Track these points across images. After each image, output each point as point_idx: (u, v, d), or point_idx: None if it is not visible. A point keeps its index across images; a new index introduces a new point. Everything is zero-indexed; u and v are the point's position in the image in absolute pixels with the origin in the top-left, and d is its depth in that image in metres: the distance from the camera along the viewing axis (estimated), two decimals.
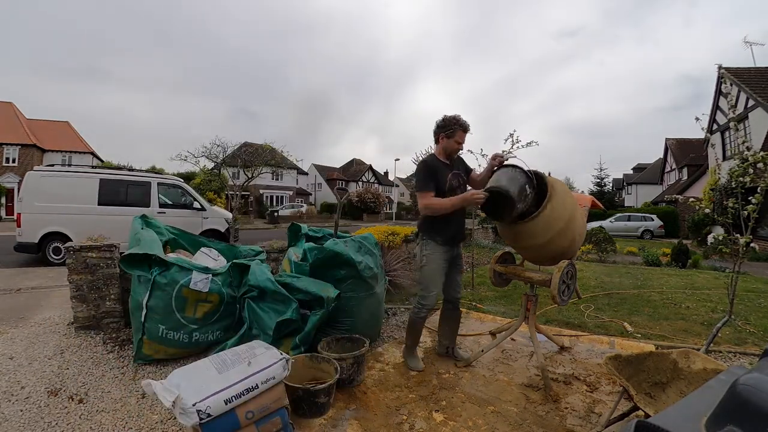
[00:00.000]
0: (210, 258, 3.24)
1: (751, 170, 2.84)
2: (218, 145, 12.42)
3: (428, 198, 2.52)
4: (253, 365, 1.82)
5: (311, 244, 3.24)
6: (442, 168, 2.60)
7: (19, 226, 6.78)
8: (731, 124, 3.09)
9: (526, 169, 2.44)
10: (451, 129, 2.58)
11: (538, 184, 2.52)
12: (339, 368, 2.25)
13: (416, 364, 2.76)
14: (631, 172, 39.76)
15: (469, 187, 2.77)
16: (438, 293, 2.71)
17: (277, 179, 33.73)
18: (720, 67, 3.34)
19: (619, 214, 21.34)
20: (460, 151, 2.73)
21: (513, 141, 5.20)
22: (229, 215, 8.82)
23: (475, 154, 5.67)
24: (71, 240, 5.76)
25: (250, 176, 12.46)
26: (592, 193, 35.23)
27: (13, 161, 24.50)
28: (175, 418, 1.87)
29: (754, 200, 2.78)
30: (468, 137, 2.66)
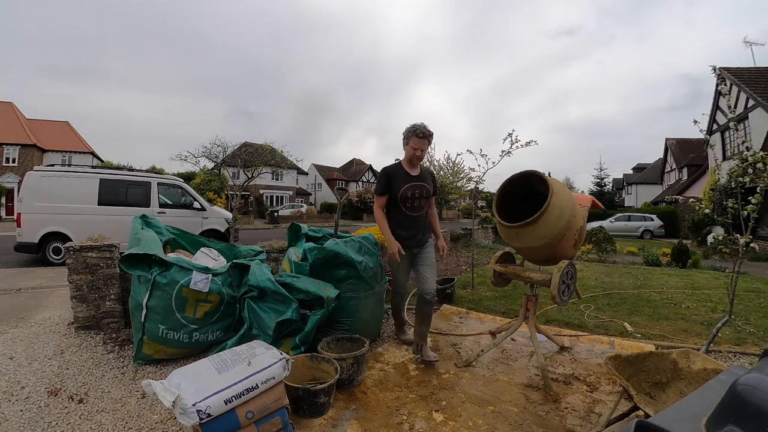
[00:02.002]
0: (210, 258, 3.24)
1: (750, 170, 2.84)
2: (218, 145, 12.38)
3: (378, 203, 2.77)
4: (253, 365, 1.82)
5: (311, 244, 3.23)
6: (401, 176, 2.73)
7: (19, 226, 6.78)
8: (731, 124, 3.09)
9: None
10: (406, 136, 2.72)
11: (538, 184, 2.53)
12: (339, 368, 2.25)
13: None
14: (631, 172, 39.80)
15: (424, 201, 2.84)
16: (404, 282, 2.98)
17: (277, 179, 33.73)
18: (714, 69, 3.32)
19: (619, 214, 21.36)
20: (429, 159, 2.89)
21: (512, 140, 5.20)
22: (229, 215, 8.81)
23: (474, 154, 5.68)
24: (71, 240, 5.76)
25: (250, 176, 12.43)
26: (592, 193, 35.26)
27: (13, 161, 24.50)
28: (175, 418, 1.87)
29: (753, 200, 2.78)
30: (468, 137, 2.74)
